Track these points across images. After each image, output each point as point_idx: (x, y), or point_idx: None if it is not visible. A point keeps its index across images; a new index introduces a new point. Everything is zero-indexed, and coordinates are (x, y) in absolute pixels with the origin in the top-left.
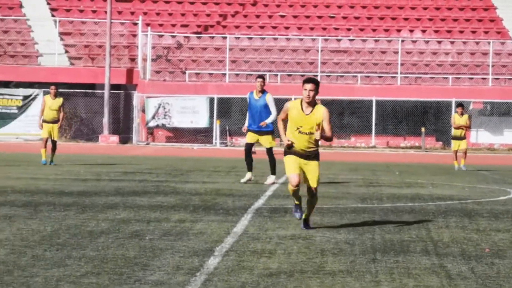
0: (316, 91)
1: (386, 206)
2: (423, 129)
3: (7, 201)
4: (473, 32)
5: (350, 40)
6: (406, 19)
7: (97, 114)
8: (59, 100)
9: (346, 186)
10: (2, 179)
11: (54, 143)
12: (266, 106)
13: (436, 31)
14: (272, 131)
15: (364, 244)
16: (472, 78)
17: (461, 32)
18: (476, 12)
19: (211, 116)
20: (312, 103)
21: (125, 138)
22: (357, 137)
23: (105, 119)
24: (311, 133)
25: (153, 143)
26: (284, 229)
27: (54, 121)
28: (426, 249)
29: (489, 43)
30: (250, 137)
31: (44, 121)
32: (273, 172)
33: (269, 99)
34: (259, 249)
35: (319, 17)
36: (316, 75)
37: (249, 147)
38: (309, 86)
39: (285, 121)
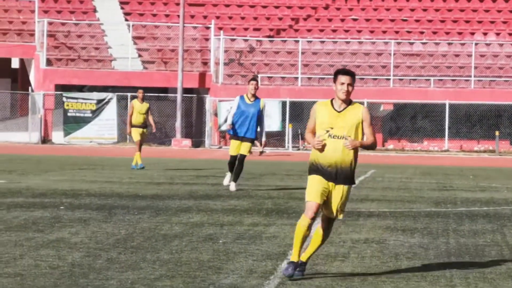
0: (353, 86)
1: (460, 210)
2: (497, 133)
3: (82, 205)
4: None
5: (423, 43)
6: (480, 22)
7: (170, 117)
8: (147, 104)
9: (420, 190)
10: (77, 182)
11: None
12: (259, 113)
13: (510, 34)
14: (254, 139)
15: (439, 248)
16: None
17: None
18: None
19: (283, 120)
20: (347, 101)
21: (198, 142)
22: (430, 140)
23: (178, 123)
24: (346, 138)
25: (225, 146)
26: (357, 233)
27: (143, 126)
28: (502, 254)
29: None
30: (235, 148)
31: (133, 125)
32: (236, 179)
33: (265, 106)
34: (332, 253)
35: (392, 20)
36: (389, 79)
37: (233, 160)
38: (347, 79)
39: (314, 133)
